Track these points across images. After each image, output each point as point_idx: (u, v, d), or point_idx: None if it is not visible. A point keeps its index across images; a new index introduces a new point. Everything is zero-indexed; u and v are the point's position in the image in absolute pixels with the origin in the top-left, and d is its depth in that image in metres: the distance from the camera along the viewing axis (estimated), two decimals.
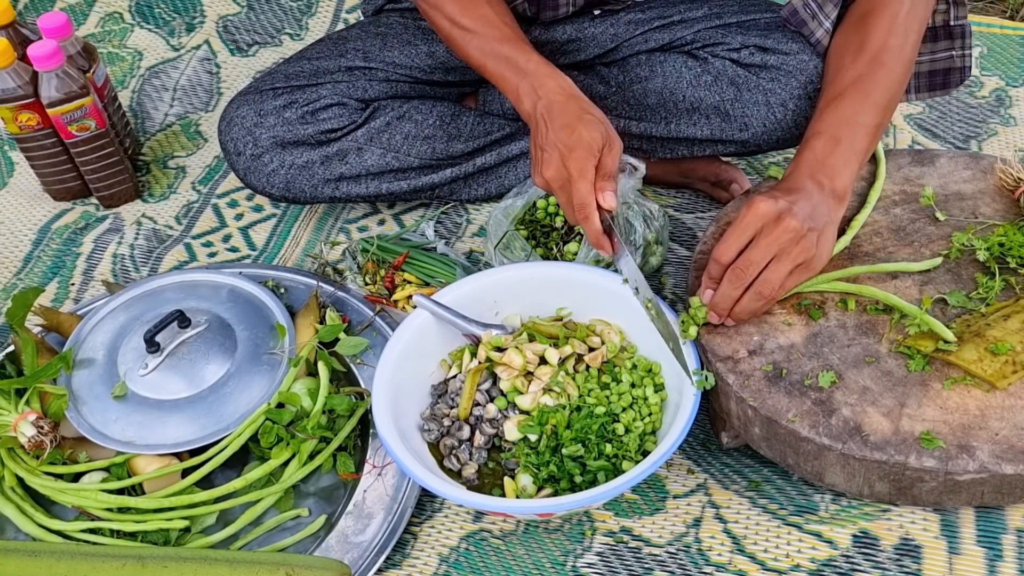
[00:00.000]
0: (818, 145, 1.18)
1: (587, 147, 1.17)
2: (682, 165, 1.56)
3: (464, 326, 1.26)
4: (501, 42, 1.29)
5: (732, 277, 1.11)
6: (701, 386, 1.13)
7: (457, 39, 1.33)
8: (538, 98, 1.23)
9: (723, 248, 1.12)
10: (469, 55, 1.32)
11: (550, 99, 1.22)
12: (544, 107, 1.22)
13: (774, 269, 1.10)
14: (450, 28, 1.33)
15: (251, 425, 1.22)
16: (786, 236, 1.09)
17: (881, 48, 1.22)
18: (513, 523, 1.20)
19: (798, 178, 1.16)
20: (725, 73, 1.41)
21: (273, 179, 1.48)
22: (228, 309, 1.34)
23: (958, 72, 1.39)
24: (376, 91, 1.50)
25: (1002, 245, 1.20)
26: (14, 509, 1.21)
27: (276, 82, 1.49)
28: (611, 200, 1.17)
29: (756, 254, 1.10)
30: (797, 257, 1.10)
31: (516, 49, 1.28)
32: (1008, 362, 1.08)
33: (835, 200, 1.16)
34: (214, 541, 1.19)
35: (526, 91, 1.25)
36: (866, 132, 1.19)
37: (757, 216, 1.10)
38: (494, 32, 1.30)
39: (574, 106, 1.21)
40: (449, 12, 1.32)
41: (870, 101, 1.20)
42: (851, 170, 1.18)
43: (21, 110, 1.54)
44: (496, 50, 1.29)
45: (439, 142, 1.50)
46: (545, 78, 1.24)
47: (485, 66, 1.30)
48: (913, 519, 1.14)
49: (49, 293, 1.55)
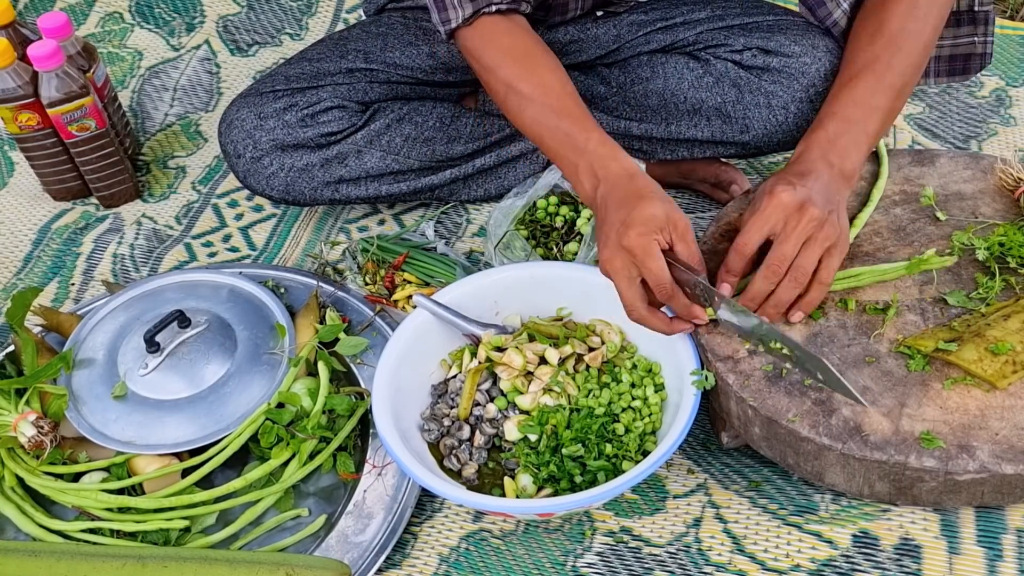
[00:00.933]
0: (830, 125, 1.18)
1: (644, 223, 1.08)
2: (682, 166, 1.56)
3: (464, 326, 1.26)
4: (561, 116, 1.21)
5: (767, 274, 1.11)
6: (701, 386, 1.13)
7: (512, 105, 1.25)
8: (598, 181, 1.15)
9: (744, 239, 1.12)
10: (524, 124, 1.25)
11: (611, 182, 1.14)
12: (605, 191, 1.14)
13: (806, 255, 1.10)
14: (506, 93, 1.25)
15: (251, 425, 1.22)
16: (811, 224, 1.09)
17: (899, 31, 1.21)
18: (513, 523, 1.20)
19: (809, 159, 1.16)
20: (727, 75, 1.41)
21: (273, 182, 1.48)
22: (228, 309, 1.35)
23: (979, 58, 1.39)
24: (376, 93, 1.50)
25: (1002, 245, 1.20)
26: (14, 509, 1.21)
27: (276, 84, 1.49)
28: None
29: (789, 248, 1.10)
30: (825, 240, 1.10)
31: (576, 125, 1.20)
32: (1008, 362, 1.08)
33: (843, 181, 1.16)
34: (214, 541, 1.19)
35: (586, 172, 1.17)
36: (879, 115, 1.19)
37: (780, 206, 1.10)
38: (553, 102, 1.22)
39: (634, 185, 1.13)
40: (506, 76, 1.24)
41: (885, 83, 1.20)
42: (861, 152, 1.18)
43: (21, 110, 1.54)
44: (555, 124, 1.21)
45: (439, 144, 1.50)
46: (607, 159, 1.16)
47: (542, 138, 1.23)
48: (913, 519, 1.14)
49: (49, 293, 1.56)
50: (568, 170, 1.21)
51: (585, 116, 1.21)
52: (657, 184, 1.15)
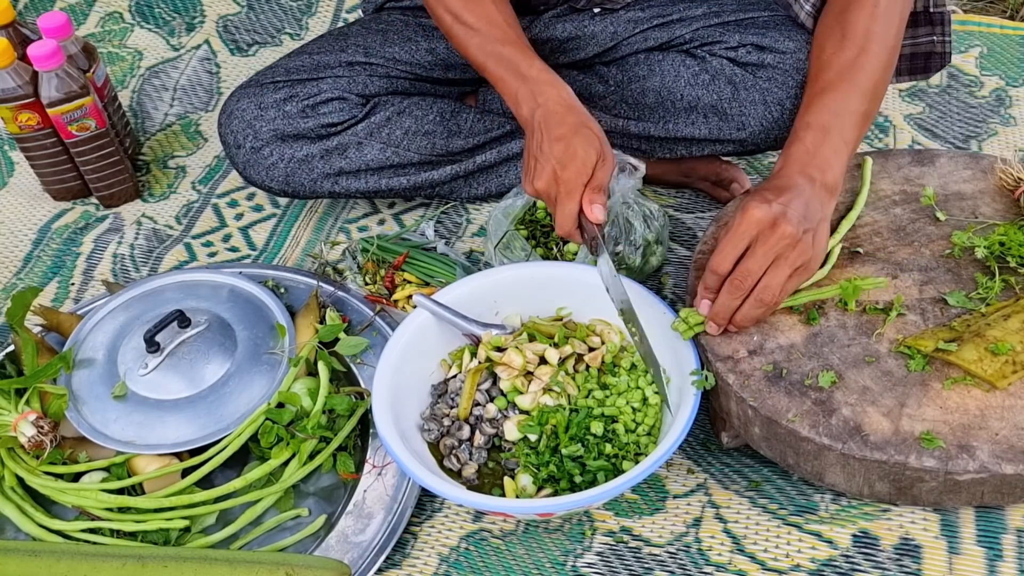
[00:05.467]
0: (807, 137, 1.17)
1: (581, 163, 1.18)
2: (682, 165, 1.56)
3: (464, 326, 1.26)
4: (503, 43, 1.28)
5: (731, 288, 1.11)
6: (701, 386, 1.13)
7: (459, 35, 1.32)
8: (536, 105, 1.22)
9: (719, 259, 1.11)
10: (469, 53, 1.32)
11: (548, 108, 1.22)
12: (542, 115, 1.21)
13: (773, 275, 1.10)
14: (452, 23, 1.32)
15: (251, 425, 1.22)
16: (783, 242, 1.08)
17: (864, 35, 1.21)
18: (513, 523, 1.20)
19: (789, 174, 1.15)
20: (722, 72, 1.41)
21: (273, 172, 1.48)
22: (228, 309, 1.34)
23: (938, 57, 1.40)
24: (376, 87, 1.50)
25: (1002, 244, 1.20)
26: (14, 509, 1.21)
27: (277, 76, 1.49)
28: (599, 213, 1.18)
29: (753, 264, 1.09)
30: (795, 261, 1.10)
31: (518, 52, 1.27)
32: (1008, 362, 1.08)
33: (827, 194, 1.15)
34: (214, 541, 1.19)
35: (525, 97, 1.24)
36: (855, 120, 1.19)
37: (751, 224, 1.09)
38: (497, 32, 1.29)
39: (572, 118, 1.21)
40: (452, 7, 1.31)
41: (857, 89, 1.20)
42: (842, 161, 1.17)
43: (21, 110, 1.54)
44: (498, 51, 1.28)
45: (439, 138, 1.50)
46: (545, 85, 1.24)
47: (485, 66, 1.30)
48: (913, 519, 1.14)
49: (49, 293, 1.56)
50: (509, 95, 1.27)
51: (528, 47, 1.29)
52: (590, 116, 1.23)
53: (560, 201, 1.19)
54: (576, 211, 1.19)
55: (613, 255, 1.35)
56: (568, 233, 1.20)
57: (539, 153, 1.20)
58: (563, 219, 1.20)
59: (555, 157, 1.18)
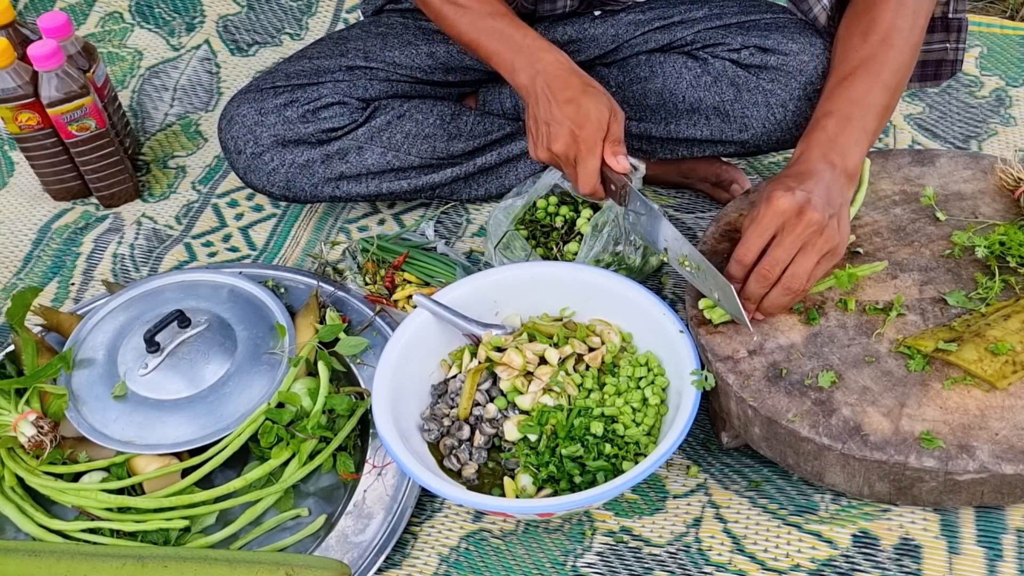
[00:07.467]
0: (829, 124, 1.18)
1: (596, 122, 1.19)
2: (682, 165, 1.56)
3: (464, 326, 1.26)
4: (494, 17, 1.29)
5: (758, 277, 1.11)
6: (701, 386, 1.13)
7: (449, 16, 1.32)
8: (536, 72, 1.23)
9: (744, 248, 1.11)
10: (461, 32, 1.31)
11: (550, 73, 1.22)
12: (544, 81, 1.22)
13: (800, 263, 1.10)
14: (440, 4, 1.32)
15: (251, 425, 1.22)
16: (810, 230, 1.09)
17: (890, 29, 1.22)
18: (513, 523, 1.20)
19: (809, 159, 1.15)
20: (725, 74, 1.41)
21: (273, 178, 1.48)
22: (228, 309, 1.34)
23: (949, 65, 1.40)
24: (376, 90, 1.50)
25: (1002, 244, 1.20)
26: (14, 509, 1.21)
27: (277, 80, 1.49)
28: (624, 163, 1.20)
29: (782, 253, 1.09)
30: (822, 247, 1.10)
31: (510, 24, 1.28)
32: (1008, 362, 1.08)
33: (847, 180, 1.15)
34: (214, 541, 1.19)
35: (522, 65, 1.25)
36: (876, 112, 1.19)
37: (777, 213, 1.09)
38: (486, 7, 1.29)
39: (576, 80, 1.22)
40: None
41: (880, 81, 1.20)
42: (861, 149, 1.18)
43: (21, 110, 1.54)
44: (489, 25, 1.28)
45: (439, 141, 1.50)
46: (541, 51, 1.24)
47: (478, 42, 1.30)
48: (913, 519, 1.14)
49: (49, 293, 1.56)
50: (505, 66, 1.27)
51: (519, 19, 1.29)
52: (591, 76, 1.24)
53: (582, 160, 1.20)
54: (598, 167, 1.20)
55: (613, 255, 1.35)
56: (593, 189, 1.21)
57: (550, 118, 1.21)
58: (586, 176, 1.21)
59: (569, 119, 1.19)
